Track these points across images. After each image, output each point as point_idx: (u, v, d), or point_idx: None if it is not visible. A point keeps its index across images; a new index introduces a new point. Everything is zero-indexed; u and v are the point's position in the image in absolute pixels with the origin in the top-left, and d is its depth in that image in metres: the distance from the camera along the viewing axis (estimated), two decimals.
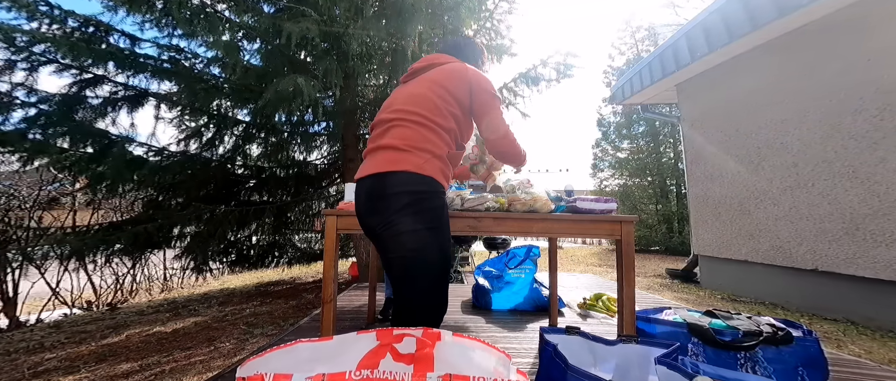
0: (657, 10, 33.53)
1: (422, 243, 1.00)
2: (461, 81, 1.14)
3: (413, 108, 1.10)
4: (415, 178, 1.02)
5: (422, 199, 1.02)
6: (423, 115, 1.09)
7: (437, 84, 1.13)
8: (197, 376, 1.81)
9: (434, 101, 1.10)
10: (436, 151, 1.07)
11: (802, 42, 3.29)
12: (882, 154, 2.73)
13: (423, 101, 1.11)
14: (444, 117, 1.10)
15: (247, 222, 4.15)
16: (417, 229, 1.00)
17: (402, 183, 1.02)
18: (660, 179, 11.83)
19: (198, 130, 4.20)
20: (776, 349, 1.32)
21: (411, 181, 1.02)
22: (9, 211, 3.72)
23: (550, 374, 1.10)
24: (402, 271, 1.02)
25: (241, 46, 4.03)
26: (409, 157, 1.04)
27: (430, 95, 1.11)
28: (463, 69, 1.17)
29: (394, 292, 1.07)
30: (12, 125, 3.09)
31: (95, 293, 4.20)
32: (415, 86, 1.16)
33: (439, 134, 1.09)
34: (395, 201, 1.01)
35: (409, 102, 1.12)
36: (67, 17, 3.29)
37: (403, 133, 1.08)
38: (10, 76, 3.11)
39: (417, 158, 1.04)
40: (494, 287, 2.57)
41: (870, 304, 2.79)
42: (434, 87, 1.13)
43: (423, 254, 1.01)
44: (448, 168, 1.12)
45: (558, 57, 4.43)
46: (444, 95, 1.11)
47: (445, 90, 1.12)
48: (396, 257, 1.02)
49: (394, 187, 1.02)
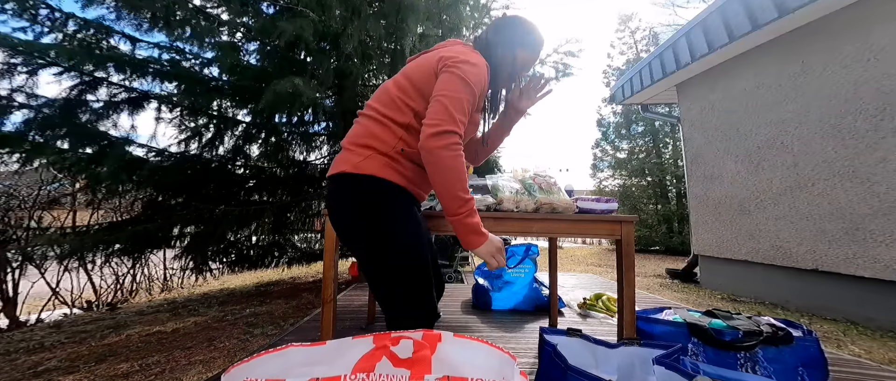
0: (657, 10, 33.53)
1: (378, 251, 0.90)
2: (429, 62, 0.95)
3: (371, 101, 1.01)
4: (353, 179, 0.92)
5: (364, 202, 0.91)
6: (375, 108, 0.98)
7: (404, 73, 1.00)
8: (197, 376, 1.81)
9: (391, 92, 0.98)
10: (379, 147, 0.93)
11: (802, 42, 3.29)
12: (882, 154, 2.73)
13: (381, 93, 1.00)
14: (397, 110, 0.95)
15: (247, 222, 4.15)
16: (371, 237, 0.90)
17: (344, 188, 0.93)
18: (660, 179, 11.84)
19: (198, 131, 4.20)
20: (776, 349, 1.32)
21: (350, 184, 0.92)
22: (9, 211, 3.72)
23: (550, 374, 1.10)
24: (371, 283, 0.96)
25: (240, 47, 4.03)
26: (349, 156, 0.94)
27: (389, 85, 1.00)
28: (438, 51, 0.99)
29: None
30: (12, 126, 3.09)
31: (95, 293, 4.20)
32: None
33: (389, 128, 0.95)
34: (342, 209, 0.94)
35: (373, 96, 1.03)
36: (68, 21, 3.29)
37: (352, 130, 1.01)
38: (10, 80, 3.11)
39: (355, 156, 0.93)
40: (494, 287, 2.57)
41: (870, 304, 2.79)
42: (399, 76, 1.00)
43: (383, 263, 0.91)
44: (406, 167, 0.96)
45: (557, 56, 4.43)
46: (404, 84, 0.97)
47: (407, 78, 0.97)
48: (362, 269, 0.96)
49: (338, 194, 0.95)
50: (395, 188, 0.94)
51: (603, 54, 39.70)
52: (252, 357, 0.66)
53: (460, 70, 0.90)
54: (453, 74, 0.90)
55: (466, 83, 0.90)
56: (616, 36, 15.36)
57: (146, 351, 2.27)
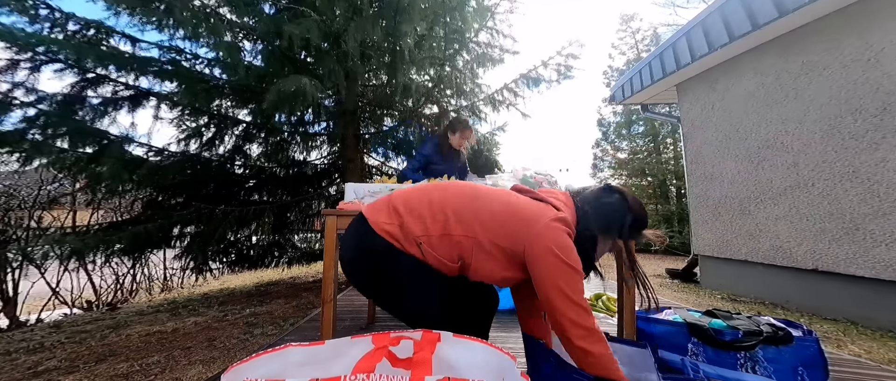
0: (657, 10, 33.52)
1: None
2: (521, 233, 0.94)
3: (459, 228, 0.97)
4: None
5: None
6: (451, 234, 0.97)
7: (498, 221, 0.95)
8: (197, 376, 1.81)
9: (480, 241, 0.95)
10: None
11: (802, 42, 3.29)
12: (882, 154, 2.73)
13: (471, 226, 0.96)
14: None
15: (247, 222, 4.15)
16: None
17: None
18: (660, 179, 11.84)
19: (198, 130, 4.20)
20: (776, 349, 1.32)
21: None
22: (9, 211, 3.72)
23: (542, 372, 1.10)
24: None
25: (242, 47, 4.03)
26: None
27: (480, 238, 0.95)
28: (531, 227, 0.94)
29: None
30: (11, 125, 3.09)
31: (95, 293, 4.20)
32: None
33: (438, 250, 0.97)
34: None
35: (457, 220, 0.97)
36: (68, 21, 3.29)
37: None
38: (11, 76, 3.11)
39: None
40: (494, 287, 2.56)
41: (870, 304, 2.79)
42: (494, 224, 0.96)
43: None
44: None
45: (559, 58, 4.44)
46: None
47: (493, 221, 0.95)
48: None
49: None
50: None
51: (604, 54, 39.68)
52: (251, 357, 0.65)
53: (568, 259, 0.86)
54: (563, 264, 0.85)
55: (578, 272, 0.88)
56: (617, 36, 15.35)
57: (146, 351, 2.27)
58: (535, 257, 0.86)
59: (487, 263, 0.91)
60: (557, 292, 0.85)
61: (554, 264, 0.85)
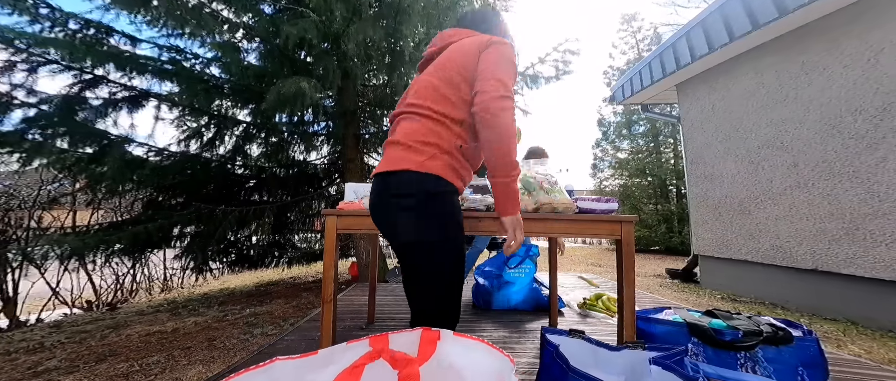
0: (658, 10, 33.54)
1: (430, 249, 0.92)
2: (471, 54, 0.99)
3: (419, 99, 1.01)
4: (417, 176, 0.92)
5: (427, 200, 0.92)
6: (428, 106, 0.98)
7: (445, 68, 1.01)
8: (197, 376, 1.81)
9: (441, 89, 0.99)
10: (442, 145, 0.95)
11: (802, 42, 3.29)
12: (882, 154, 2.73)
13: (429, 90, 1.00)
14: (453, 107, 0.98)
15: (247, 222, 4.15)
16: (427, 236, 0.92)
17: (405, 183, 0.93)
18: (660, 179, 11.84)
19: (198, 131, 4.20)
20: (776, 349, 1.32)
21: (413, 180, 0.92)
22: (9, 211, 3.72)
23: (552, 374, 1.10)
24: (412, 278, 0.95)
25: (241, 47, 4.03)
26: (411, 153, 0.94)
27: (436, 82, 1.00)
28: (473, 41, 1.02)
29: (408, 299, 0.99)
30: (12, 125, 3.09)
31: (95, 293, 4.20)
32: (427, 73, 1.05)
33: (447, 126, 0.97)
34: (397, 203, 0.94)
35: (418, 92, 1.03)
36: (68, 20, 3.29)
37: (407, 127, 1.00)
38: (10, 77, 3.10)
39: (419, 154, 0.94)
40: (494, 287, 2.57)
41: (870, 304, 2.79)
42: (442, 72, 1.01)
43: (432, 261, 0.93)
44: (462, 164, 1.00)
45: (556, 54, 4.43)
46: (453, 79, 0.99)
47: (457, 73, 0.99)
48: (406, 264, 0.96)
49: (396, 189, 0.94)
50: (454, 191, 0.98)
51: (604, 54, 39.68)
52: (233, 376, 0.61)
53: (505, 46, 1.00)
54: (500, 47, 0.98)
55: (511, 59, 0.99)
56: (618, 36, 15.35)
57: (146, 351, 2.27)
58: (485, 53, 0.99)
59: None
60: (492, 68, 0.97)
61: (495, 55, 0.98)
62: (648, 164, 12.17)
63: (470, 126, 0.99)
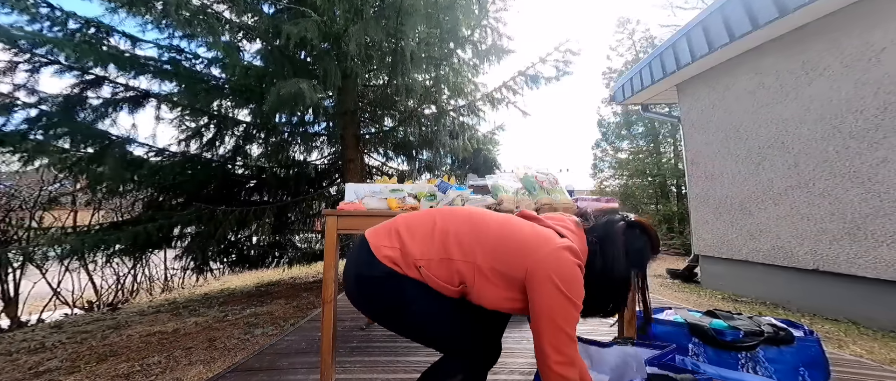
0: (657, 11, 33.53)
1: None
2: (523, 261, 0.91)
3: (458, 253, 0.95)
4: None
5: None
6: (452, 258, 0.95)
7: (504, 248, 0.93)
8: (197, 376, 1.81)
9: (470, 262, 0.93)
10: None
11: (803, 41, 3.29)
12: (883, 154, 2.72)
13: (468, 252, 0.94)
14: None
15: (247, 223, 4.15)
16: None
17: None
18: (660, 179, 11.83)
19: (198, 131, 4.21)
20: (777, 349, 1.31)
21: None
22: (10, 211, 3.72)
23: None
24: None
25: (241, 47, 4.03)
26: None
27: (481, 262, 0.93)
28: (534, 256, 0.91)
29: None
30: (13, 126, 3.10)
31: (96, 294, 4.20)
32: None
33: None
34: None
35: (457, 245, 0.95)
36: (69, 19, 3.29)
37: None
38: (11, 77, 3.11)
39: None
40: None
41: (871, 304, 2.78)
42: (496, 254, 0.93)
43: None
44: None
45: (557, 54, 4.43)
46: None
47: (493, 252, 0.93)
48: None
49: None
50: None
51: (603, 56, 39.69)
52: None
53: (568, 291, 0.82)
54: (561, 295, 0.81)
55: (576, 305, 0.83)
56: (615, 38, 15.39)
57: (147, 351, 2.27)
58: (535, 285, 0.83)
59: (488, 288, 0.88)
60: (549, 321, 0.81)
61: (550, 293, 0.81)
62: (648, 164, 12.17)
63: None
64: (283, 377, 1.51)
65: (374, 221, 1.42)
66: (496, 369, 1.55)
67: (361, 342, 1.89)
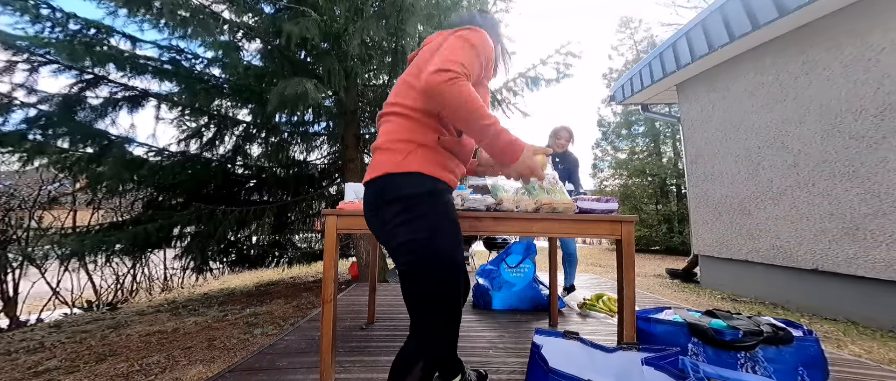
0: (658, 10, 33.53)
1: (420, 252, 0.89)
2: (435, 45, 0.99)
3: (393, 98, 1.01)
4: (397, 179, 0.91)
5: (412, 203, 0.90)
6: (400, 104, 0.97)
7: (416, 65, 1.01)
8: (197, 376, 1.81)
9: (413, 85, 0.98)
10: (418, 139, 0.94)
11: (803, 42, 3.29)
12: (883, 154, 2.73)
13: (401, 88, 1.00)
14: (423, 102, 0.96)
15: (247, 222, 4.15)
16: (414, 238, 0.89)
17: (388, 188, 0.92)
18: (660, 179, 11.84)
19: (198, 131, 4.20)
20: (776, 349, 1.32)
21: (395, 184, 0.91)
22: (9, 211, 3.72)
23: (535, 375, 1.10)
24: (405, 284, 0.93)
25: (241, 47, 4.03)
26: (390, 155, 0.93)
27: (408, 79, 1.00)
28: (442, 35, 1.01)
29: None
30: (12, 126, 3.09)
31: (96, 293, 4.20)
32: (403, 74, 1.05)
33: (420, 121, 0.95)
34: (385, 210, 0.92)
35: (393, 92, 1.02)
36: (69, 21, 3.29)
37: (385, 129, 0.99)
38: (10, 77, 3.10)
39: (397, 154, 0.92)
40: (494, 287, 2.57)
41: (870, 304, 2.79)
42: (412, 69, 1.02)
43: (417, 264, 0.90)
44: (444, 157, 0.98)
45: (558, 57, 4.43)
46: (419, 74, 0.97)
47: (421, 69, 0.96)
48: (399, 270, 0.93)
49: (382, 195, 0.93)
50: (440, 185, 0.95)
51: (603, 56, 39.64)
52: None
53: (462, 32, 0.95)
54: (462, 33, 0.95)
55: (467, 41, 0.93)
56: (617, 37, 15.40)
57: (146, 351, 2.27)
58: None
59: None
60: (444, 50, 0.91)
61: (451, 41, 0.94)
62: (648, 164, 12.18)
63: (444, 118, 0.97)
64: (283, 376, 1.51)
65: None
66: (496, 367, 1.56)
67: (361, 341, 1.90)
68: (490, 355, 1.73)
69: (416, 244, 0.89)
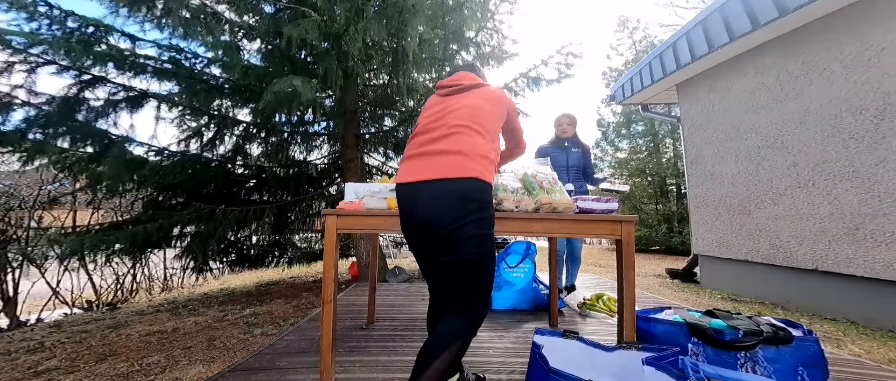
0: (657, 10, 33.52)
1: (484, 247, 1.08)
2: (503, 102, 1.34)
3: (474, 119, 1.21)
4: (481, 185, 1.10)
5: (486, 205, 1.10)
6: (484, 126, 1.21)
7: (490, 101, 1.28)
8: (197, 376, 1.81)
9: (492, 114, 1.26)
10: (492, 157, 1.18)
11: (803, 42, 3.29)
12: (883, 154, 2.73)
13: (483, 114, 1.23)
14: (496, 130, 1.28)
15: (247, 222, 4.15)
16: (482, 234, 1.08)
17: (473, 188, 1.09)
18: (660, 179, 11.84)
19: (198, 131, 4.20)
20: (776, 349, 1.32)
21: (478, 188, 1.09)
22: (9, 211, 3.72)
23: (535, 375, 1.10)
24: (466, 272, 1.08)
25: (241, 47, 4.03)
26: (475, 163, 1.11)
27: (488, 108, 1.25)
28: (502, 93, 1.36)
29: (441, 293, 1.19)
30: (12, 125, 3.09)
31: (95, 293, 4.20)
32: (471, 99, 1.27)
33: (493, 144, 1.22)
34: (466, 205, 1.07)
35: (469, 113, 1.22)
36: (67, 18, 3.28)
37: (465, 140, 1.15)
38: (9, 78, 3.10)
39: (480, 164, 1.12)
40: (495, 287, 2.57)
41: (870, 304, 2.79)
42: (487, 103, 1.27)
43: (483, 257, 1.08)
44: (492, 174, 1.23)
45: (559, 57, 4.43)
46: (497, 111, 1.28)
47: (497, 107, 1.29)
48: (460, 260, 1.07)
49: (466, 193, 1.08)
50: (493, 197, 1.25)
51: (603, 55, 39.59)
52: None
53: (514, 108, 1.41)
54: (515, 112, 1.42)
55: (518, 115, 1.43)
56: (615, 37, 15.41)
57: (146, 351, 2.27)
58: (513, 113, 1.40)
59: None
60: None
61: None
62: (648, 164, 12.18)
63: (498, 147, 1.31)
64: (283, 376, 1.51)
65: (374, 221, 1.43)
66: (496, 368, 1.56)
67: (361, 341, 1.90)
68: (490, 354, 1.73)
69: (486, 240, 1.09)
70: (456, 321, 1.05)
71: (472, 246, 1.06)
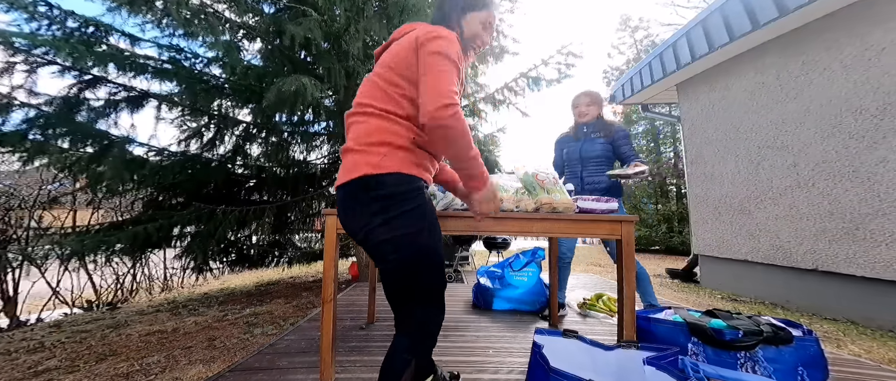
0: (658, 10, 33.53)
1: (401, 251, 0.90)
2: (407, 53, 0.95)
3: (364, 98, 0.99)
4: (376, 179, 0.90)
5: (394, 201, 0.90)
6: (372, 105, 0.97)
7: (384, 66, 0.99)
8: (197, 376, 1.81)
9: (381, 87, 0.97)
10: (396, 141, 0.94)
11: (803, 41, 3.29)
12: (883, 154, 2.73)
13: (372, 89, 0.99)
14: (396, 104, 0.95)
15: (247, 222, 4.15)
16: (396, 235, 0.90)
17: (364, 189, 0.91)
18: (660, 179, 11.84)
19: (198, 131, 4.20)
20: (776, 349, 1.32)
21: (374, 184, 0.90)
22: (9, 211, 3.72)
23: (536, 375, 1.10)
24: (391, 281, 0.93)
25: (241, 46, 4.02)
26: (366, 157, 0.93)
27: (376, 80, 0.99)
28: (409, 38, 0.97)
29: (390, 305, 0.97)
30: (12, 126, 3.09)
31: (95, 293, 4.20)
32: (372, 71, 1.04)
33: (398, 123, 0.95)
34: (367, 208, 0.91)
35: (363, 91, 1.01)
36: (68, 18, 3.28)
37: (358, 130, 0.98)
38: (9, 79, 3.10)
39: (373, 156, 0.92)
40: (496, 287, 2.57)
41: (870, 304, 2.79)
42: (381, 71, 0.99)
43: (404, 263, 0.91)
44: (420, 156, 0.98)
45: (560, 57, 4.43)
46: (390, 78, 0.96)
47: (392, 72, 0.96)
48: (383, 270, 0.93)
49: (359, 196, 0.92)
50: (419, 183, 0.96)
51: (603, 54, 39.65)
52: None
53: (437, 46, 0.92)
54: (432, 53, 0.92)
55: (447, 57, 0.92)
56: (617, 36, 15.41)
57: (146, 351, 2.27)
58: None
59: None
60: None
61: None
62: (648, 164, 12.18)
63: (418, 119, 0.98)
64: (283, 376, 1.51)
65: None
66: (496, 368, 1.56)
67: (361, 341, 1.90)
68: (490, 354, 1.73)
69: (402, 241, 0.90)
70: (399, 342, 0.92)
71: (387, 252, 0.90)
